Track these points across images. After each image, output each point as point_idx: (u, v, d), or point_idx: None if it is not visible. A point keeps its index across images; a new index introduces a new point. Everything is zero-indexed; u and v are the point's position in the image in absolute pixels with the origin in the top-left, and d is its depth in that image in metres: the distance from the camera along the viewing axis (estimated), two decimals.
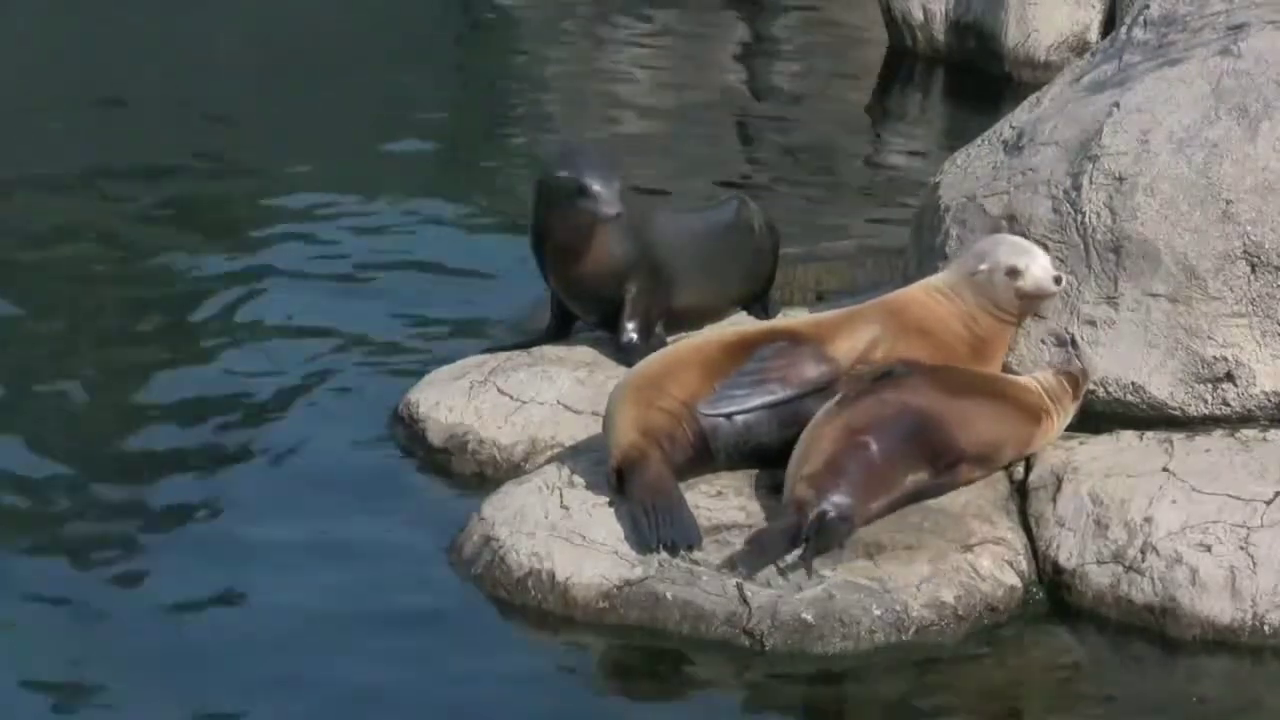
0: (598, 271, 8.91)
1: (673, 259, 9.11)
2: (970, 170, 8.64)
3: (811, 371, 7.90)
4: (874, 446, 7.51)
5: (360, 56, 16.47)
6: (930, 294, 8.19)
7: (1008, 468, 7.98)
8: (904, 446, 7.58)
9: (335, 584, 7.73)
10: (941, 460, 7.68)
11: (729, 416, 7.79)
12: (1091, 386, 8.07)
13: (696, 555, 7.41)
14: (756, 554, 7.33)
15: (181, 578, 7.78)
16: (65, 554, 7.94)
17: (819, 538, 7.31)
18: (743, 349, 7.93)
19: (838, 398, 7.69)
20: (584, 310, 9.07)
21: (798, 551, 7.32)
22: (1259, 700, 7.24)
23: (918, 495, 7.66)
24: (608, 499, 7.66)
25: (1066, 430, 8.06)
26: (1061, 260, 8.19)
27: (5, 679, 7.11)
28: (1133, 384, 8.09)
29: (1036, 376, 8.03)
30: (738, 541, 7.44)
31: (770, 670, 7.22)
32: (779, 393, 7.84)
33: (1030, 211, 8.28)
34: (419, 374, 9.08)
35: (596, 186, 8.57)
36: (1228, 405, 8.03)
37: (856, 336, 8.01)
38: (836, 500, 7.37)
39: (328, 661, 7.26)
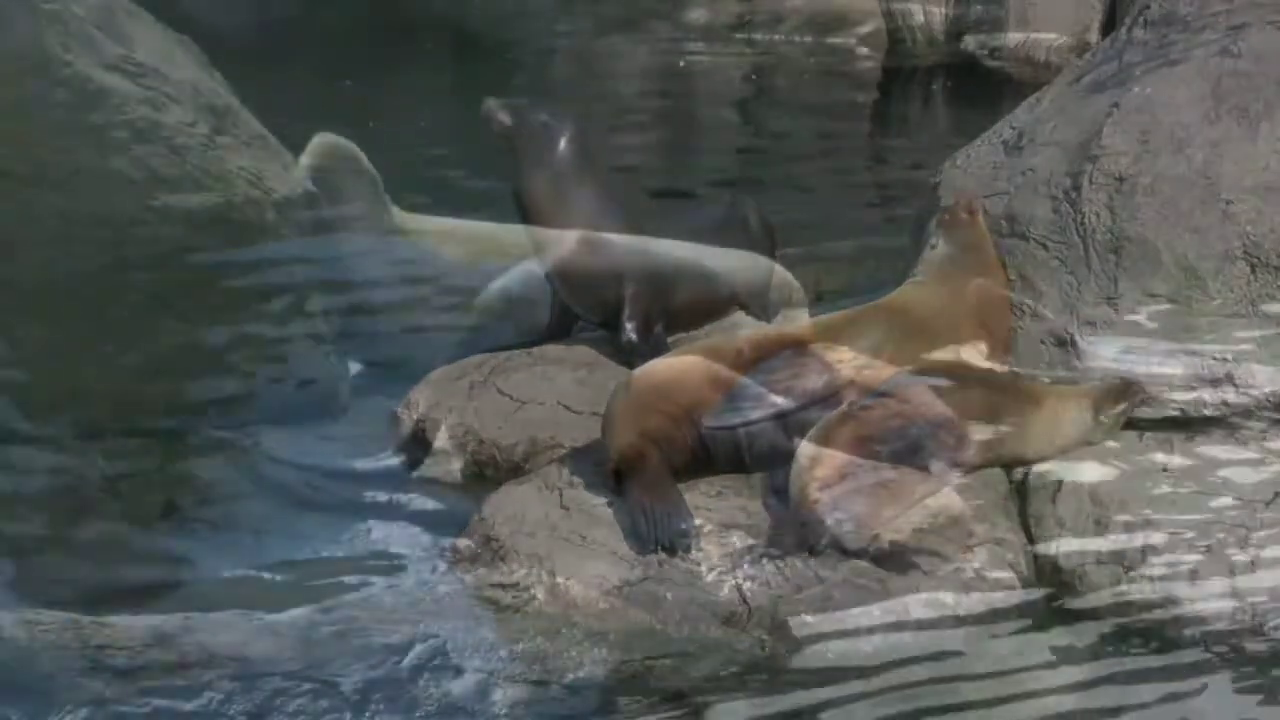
0: (597, 268, 8.93)
1: (670, 257, 9.13)
2: (970, 170, 8.65)
3: (817, 383, 7.88)
4: (887, 456, 7.51)
5: (356, 51, 16.47)
6: (926, 290, 8.19)
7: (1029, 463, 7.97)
8: (915, 458, 7.58)
9: (335, 584, 7.73)
10: (953, 464, 7.70)
11: (733, 429, 7.79)
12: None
13: (696, 555, 7.41)
14: (771, 549, 7.37)
15: (180, 576, 7.78)
16: (65, 560, 7.93)
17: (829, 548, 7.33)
18: (749, 358, 7.90)
19: (849, 403, 7.67)
20: (585, 309, 9.08)
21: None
22: (1258, 701, 7.24)
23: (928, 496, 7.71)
24: (608, 499, 7.66)
25: None
26: (1061, 261, 8.19)
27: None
28: None
29: (1082, 385, 8.02)
30: (738, 541, 7.44)
31: (770, 670, 7.22)
32: (784, 405, 7.83)
33: (1030, 212, 8.28)
34: (419, 374, 9.08)
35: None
36: (1228, 405, 8.03)
37: (863, 342, 8.00)
38: (849, 511, 7.37)
39: (326, 661, 7.26)
